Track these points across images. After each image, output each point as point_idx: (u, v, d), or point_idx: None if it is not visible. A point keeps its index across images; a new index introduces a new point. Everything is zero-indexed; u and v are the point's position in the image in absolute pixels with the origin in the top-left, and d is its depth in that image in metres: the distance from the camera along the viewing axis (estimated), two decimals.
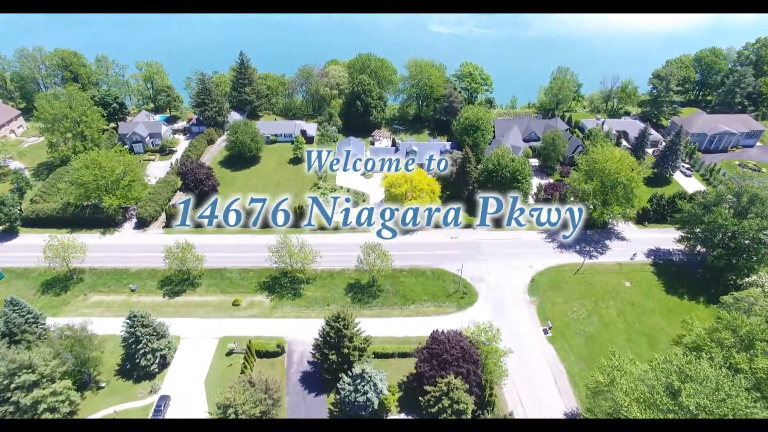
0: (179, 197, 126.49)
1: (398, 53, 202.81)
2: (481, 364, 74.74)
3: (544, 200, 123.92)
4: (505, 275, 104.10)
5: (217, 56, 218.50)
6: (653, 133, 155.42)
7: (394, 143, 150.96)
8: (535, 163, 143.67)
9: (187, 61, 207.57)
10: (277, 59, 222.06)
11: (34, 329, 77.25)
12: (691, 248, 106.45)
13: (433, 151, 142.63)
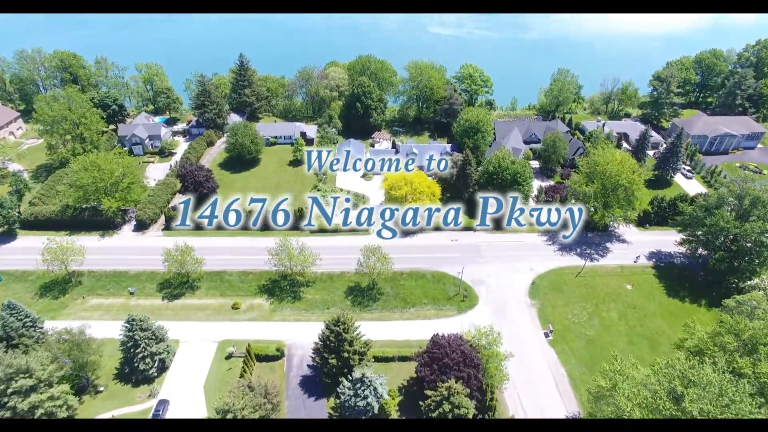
0: (179, 199, 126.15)
1: (398, 55, 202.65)
2: (482, 368, 74.23)
3: (544, 202, 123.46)
4: (505, 278, 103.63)
5: (216, 58, 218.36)
6: (654, 134, 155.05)
7: (394, 145, 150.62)
8: (535, 165, 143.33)
9: (186, 62, 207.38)
10: (276, 61, 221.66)
11: (32, 333, 76.71)
12: (692, 251, 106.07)
13: (433, 153, 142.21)
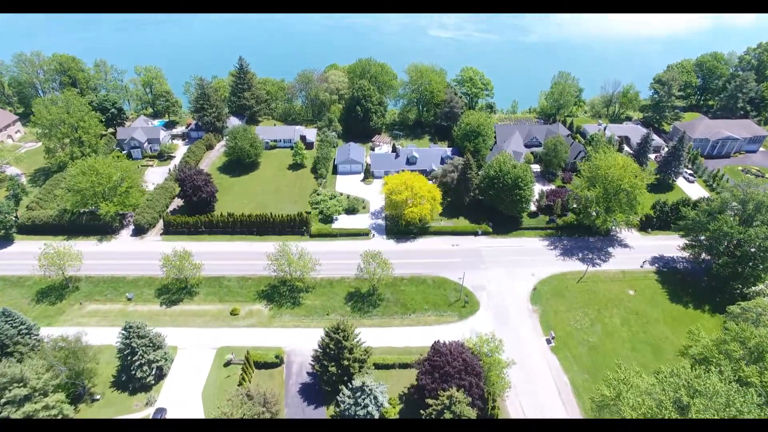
0: (177, 204, 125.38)
1: (398, 58, 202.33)
2: (483, 376, 73.18)
3: (546, 207, 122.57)
4: (507, 283, 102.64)
5: (216, 61, 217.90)
6: (655, 138, 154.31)
7: (394, 149, 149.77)
8: (536, 169, 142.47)
9: (186, 65, 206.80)
10: (276, 64, 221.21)
11: (27, 341, 75.64)
12: (695, 256, 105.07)
13: (433, 157, 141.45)
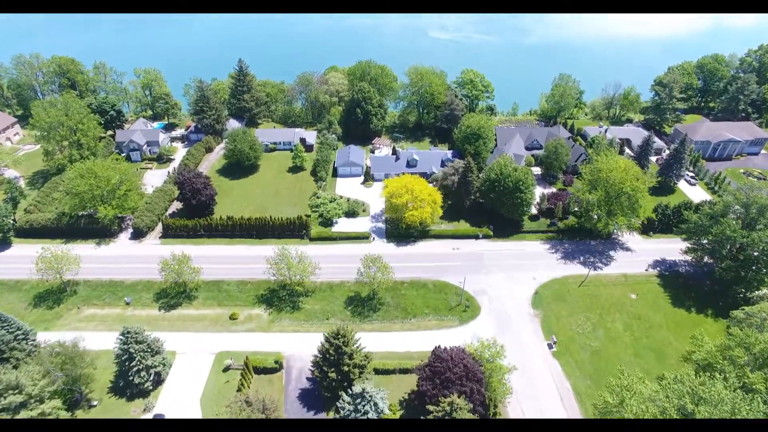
0: (176, 207, 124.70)
1: (398, 59, 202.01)
2: (484, 382, 72.37)
3: (547, 210, 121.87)
4: (508, 287, 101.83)
5: (215, 63, 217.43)
6: (656, 140, 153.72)
7: (394, 151, 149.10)
8: (537, 171, 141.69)
9: (185, 67, 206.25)
10: (276, 66, 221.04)
11: (23, 346, 74.85)
12: (698, 259, 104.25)
13: (434, 160, 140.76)
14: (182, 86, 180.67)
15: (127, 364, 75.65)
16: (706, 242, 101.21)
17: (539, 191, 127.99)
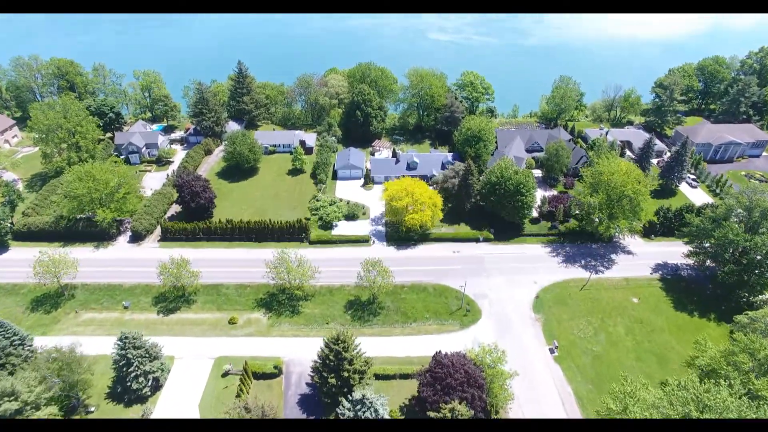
0: (175, 210, 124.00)
1: (398, 61, 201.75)
2: (486, 388, 71.65)
3: (548, 213, 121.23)
4: (509, 291, 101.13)
5: (215, 65, 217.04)
6: (657, 142, 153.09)
7: (394, 154, 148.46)
8: (538, 174, 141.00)
9: (185, 69, 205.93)
10: (275, 68, 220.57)
11: (20, 351, 74.07)
12: (700, 263, 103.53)
13: (434, 162, 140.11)
14: (181, 88, 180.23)
15: (124, 369, 74.91)
16: (708, 246, 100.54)
17: (540, 194, 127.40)
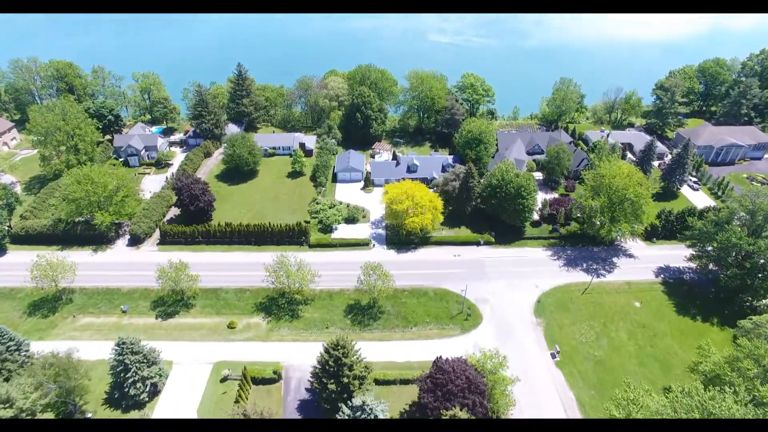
0: (174, 213, 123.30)
1: (397, 63, 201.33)
2: (487, 394, 70.85)
3: (549, 216, 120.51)
4: (510, 295, 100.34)
5: (214, 67, 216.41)
6: (658, 145, 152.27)
7: (395, 157, 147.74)
8: (538, 176, 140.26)
9: (184, 71, 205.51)
10: (275, 70, 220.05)
11: (15, 357, 73.23)
12: (702, 267, 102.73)
13: (434, 165, 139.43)
14: (181, 90, 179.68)
15: (122, 375, 74.13)
16: (711, 249, 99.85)
17: (541, 197, 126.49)
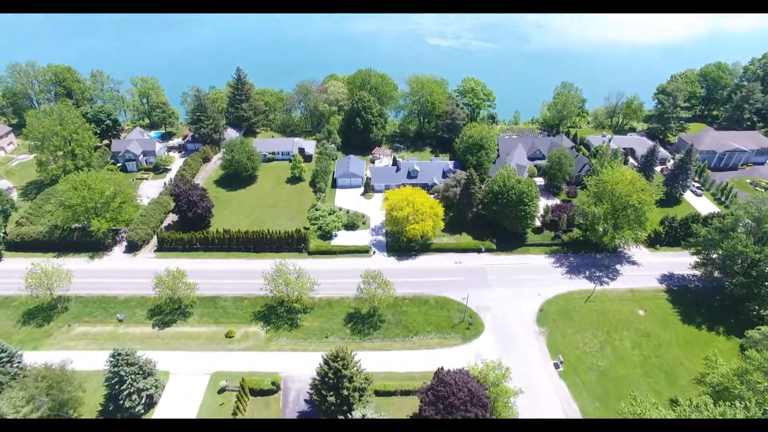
0: (172, 219, 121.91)
1: (397, 67, 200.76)
2: (489, 407, 69.33)
3: (551, 222, 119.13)
4: (512, 303, 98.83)
5: (213, 71, 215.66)
6: (660, 150, 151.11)
7: (395, 162, 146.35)
8: (540, 182, 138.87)
9: (183, 75, 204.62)
10: (275, 74, 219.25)
11: (7, 369, 71.69)
12: (707, 274, 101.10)
13: (435, 170, 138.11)
14: (180, 95, 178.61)
15: (117, 387, 72.47)
16: (716, 257, 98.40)
17: (543, 203, 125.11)
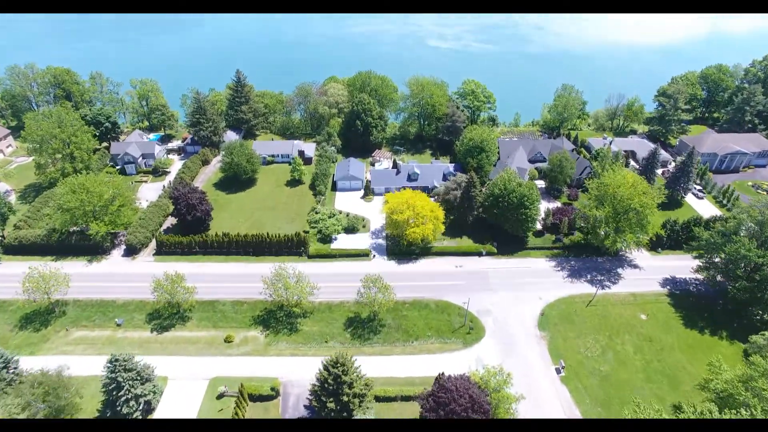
0: (171, 222, 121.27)
1: (397, 69, 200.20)
2: (491, 413, 68.64)
3: (552, 225, 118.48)
4: (513, 307, 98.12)
5: (213, 73, 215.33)
6: (662, 152, 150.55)
7: (395, 165, 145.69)
8: (541, 184, 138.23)
9: (182, 78, 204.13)
10: (274, 76, 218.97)
11: (3, 375, 70.83)
12: (710, 278, 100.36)
13: (435, 173, 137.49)
14: (179, 97, 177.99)
15: (114, 393, 71.74)
16: (718, 261, 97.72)
17: (544, 206, 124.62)
